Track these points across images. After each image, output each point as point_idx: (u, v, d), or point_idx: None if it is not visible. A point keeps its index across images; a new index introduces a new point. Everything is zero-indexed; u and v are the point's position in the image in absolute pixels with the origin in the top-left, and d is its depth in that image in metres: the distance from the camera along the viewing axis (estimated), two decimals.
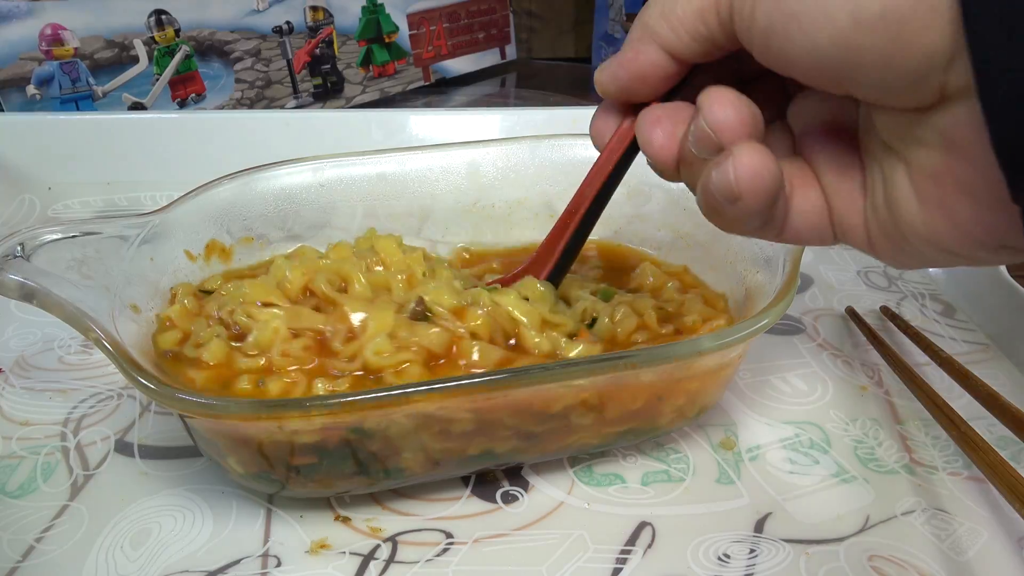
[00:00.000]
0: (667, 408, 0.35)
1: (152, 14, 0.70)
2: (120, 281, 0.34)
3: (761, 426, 0.40)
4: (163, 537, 0.33)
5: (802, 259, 0.36)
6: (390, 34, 0.88)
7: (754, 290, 0.38)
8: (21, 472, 0.36)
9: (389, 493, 0.35)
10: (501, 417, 0.32)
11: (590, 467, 0.37)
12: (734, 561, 0.33)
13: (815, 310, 0.50)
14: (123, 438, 0.38)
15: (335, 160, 0.45)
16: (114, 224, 0.35)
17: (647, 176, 0.46)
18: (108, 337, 0.29)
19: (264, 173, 0.43)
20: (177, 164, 0.59)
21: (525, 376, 0.30)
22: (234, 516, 0.34)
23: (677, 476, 0.37)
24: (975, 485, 0.37)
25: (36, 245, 0.32)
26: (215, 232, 0.40)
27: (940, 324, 0.49)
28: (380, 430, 0.30)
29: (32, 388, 0.41)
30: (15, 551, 0.32)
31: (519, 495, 0.36)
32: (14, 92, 0.65)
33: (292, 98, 0.81)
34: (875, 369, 0.44)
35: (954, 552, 0.33)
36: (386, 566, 0.32)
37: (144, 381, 0.28)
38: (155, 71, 0.71)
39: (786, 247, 0.36)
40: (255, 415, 0.28)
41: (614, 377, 0.31)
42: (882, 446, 0.39)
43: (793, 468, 0.38)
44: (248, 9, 0.75)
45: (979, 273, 0.49)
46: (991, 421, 0.36)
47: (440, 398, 0.29)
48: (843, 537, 0.34)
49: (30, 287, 0.30)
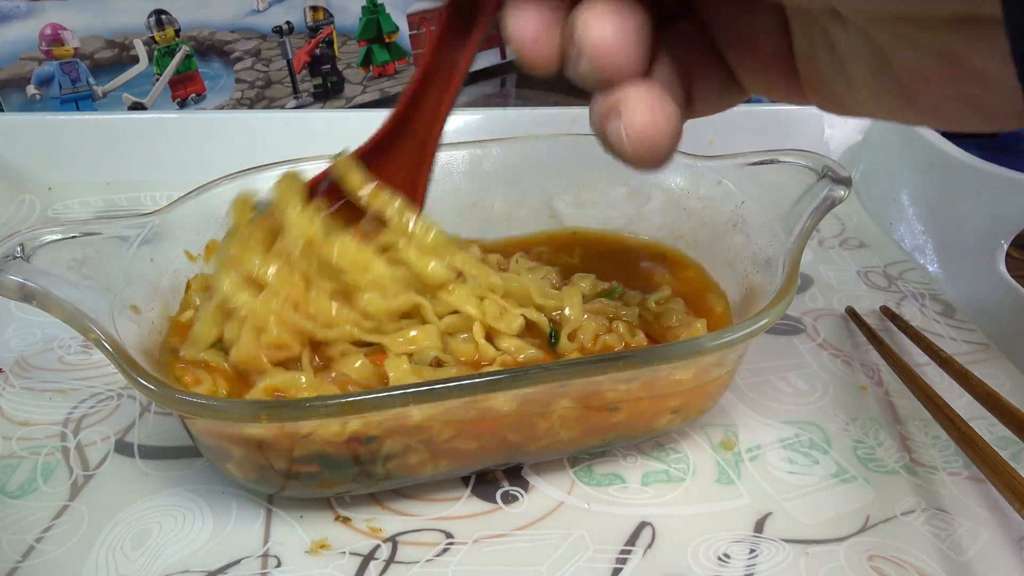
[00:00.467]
0: (666, 408, 0.35)
1: (152, 14, 0.70)
2: (120, 281, 0.34)
3: (761, 426, 0.40)
4: (163, 537, 0.33)
5: (802, 259, 0.36)
6: (390, 34, 0.88)
7: (754, 290, 0.38)
8: (21, 472, 0.36)
9: (389, 493, 0.35)
10: (498, 419, 0.32)
11: (590, 467, 0.37)
12: (734, 561, 0.33)
13: (815, 310, 0.50)
14: (123, 438, 0.38)
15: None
16: (114, 224, 0.35)
17: (647, 176, 0.46)
18: (108, 338, 0.29)
19: (264, 173, 0.42)
20: (177, 164, 0.59)
21: (525, 376, 0.30)
22: (234, 516, 0.34)
23: (677, 476, 0.37)
24: (975, 485, 0.37)
25: (36, 246, 0.32)
26: (215, 232, 0.40)
27: (940, 324, 0.49)
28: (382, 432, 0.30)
29: (32, 388, 0.41)
30: (15, 551, 0.32)
31: (519, 495, 0.36)
32: (14, 92, 0.65)
33: (292, 98, 0.81)
34: (875, 369, 0.44)
35: (954, 552, 0.33)
36: (386, 566, 0.32)
37: (143, 382, 0.28)
38: (155, 71, 0.71)
39: (786, 247, 0.36)
40: (254, 416, 0.28)
41: (614, 378, 0.31)
42: (882, 446, 0.39)
43: (793, 468, 0.38)
44: (248, 9, 0.75)
45: (979, 273, 0.49)
46: (991, 421, 0.36)
47: (440, 399, 0.29)
48: (843, 537, 0.34)
49: (30, 288, 0.30)
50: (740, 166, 0.42)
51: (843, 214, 0.61)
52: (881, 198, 0.60)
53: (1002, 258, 0.48)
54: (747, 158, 0.42)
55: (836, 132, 0.65)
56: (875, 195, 0.61)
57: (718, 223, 0.43)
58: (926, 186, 0.57)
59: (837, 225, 0.60)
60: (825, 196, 0.37)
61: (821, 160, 0.39)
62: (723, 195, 0.43)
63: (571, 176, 0.47)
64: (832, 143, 0.65)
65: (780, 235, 0.38)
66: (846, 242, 0.58)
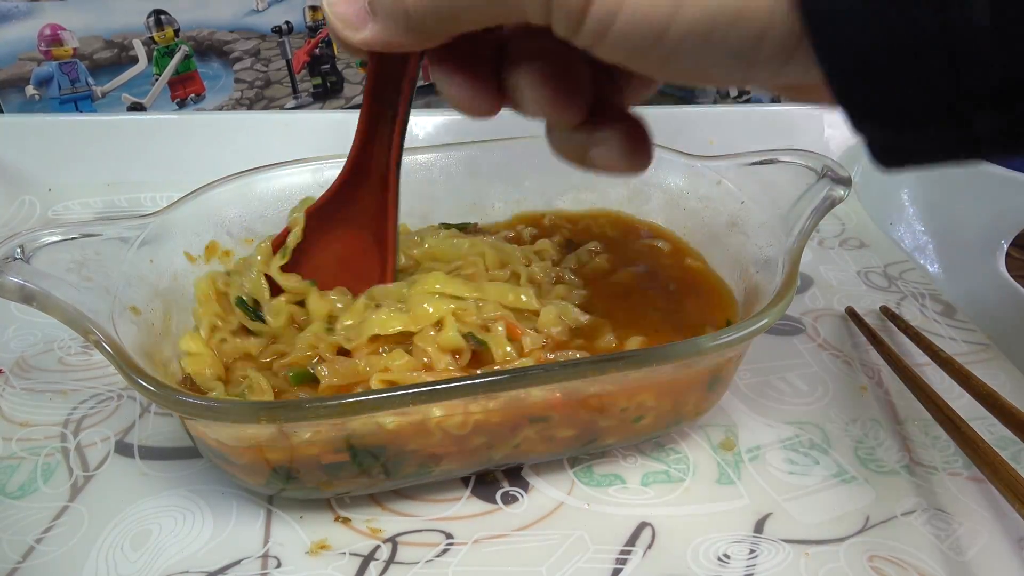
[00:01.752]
0: (665, 408, 0.35)
1: (151, 14, 0.70)
2: (120, 283, 0.34)
3: (761, 426, 0.40)
4: (163, 538, 0.33)
5: (802, 259, 0.36)
6: None
7: (754, 290, 0.38)
8: (21, 473, 0.36)
9: (389, 494, 0.35)
10: (497, 418, 0.32)
11: (590, 467, 0.37)
12: (734, 561, 0.33)
13: (815, 310, 0.50)
14: (123, 439, 0.38)
15: (335, 160, 0.44)
16: (114, 226, 0.35)
17: (647, 176, 0.46)
18: (108, 339, 0.29)
19: (264, 174, 0.43)
20: (177, 165, 0.59)
21: (525, 377, 0.30)
22: (234, 517, 0.34)
23: (677, 476, 0.37)
24: (975, 485, 0.37)
25: (36, 247, 0.32)
26: (215, 234, 0.40)
27: (940, 324, 0.49)
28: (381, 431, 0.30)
29: (32, 389, 0.41)
30: (15, 552, 0.32)
31: (519, 496, 0.36)
32: (13, 92, 0.65)
33: (292, 98, 0.81)
34: (875, 369, 0.44)
35: (954, 552, 0.33)
36: (386, 567, 0.32)
37: (143, 383, 0.28)
38: (154, 71, 0.71)
39: (786, 248, 0.36)
40: (254, 417, 0.28)
41: (613, 377, 0.31)
42: (882, 446, 0.39)
43: (793, 468, 0.37)
44: (247, 9, 0.75)
45: (979, 273, 0.49)
46: (991, 421, 0.36)
47: (440, 398, 0.29)
48: (843, 537, 0.34)
49: (30, 289, 0.30)
50: (740, 166, 0.42)
51: (843, 214, 0.61)
52: (881, 198, 0.60)
53: (1002, 258, 0.48)
54: (747, 158, 0.42)
55: (836, 132, 0.65)
56: (875, 195, 0.61)
57: (718, 223, 0.43)
58: (926, 186, 0.57)
59: (837, 225, 0.60)
60: (825, 196, 0.37)
61: (821, 160, 0.39)
62: (723, 195, 0.43)
63: (571, 176, 0.46)
64: (832, 143, 0.65)
65: (780, 235, 0.38)
66: (846, 242, 0.58)
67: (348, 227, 0.37)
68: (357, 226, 0.37)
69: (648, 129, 0.26)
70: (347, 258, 0.37)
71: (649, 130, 0.26)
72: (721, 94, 0.73)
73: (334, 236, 0.37)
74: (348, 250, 0.37)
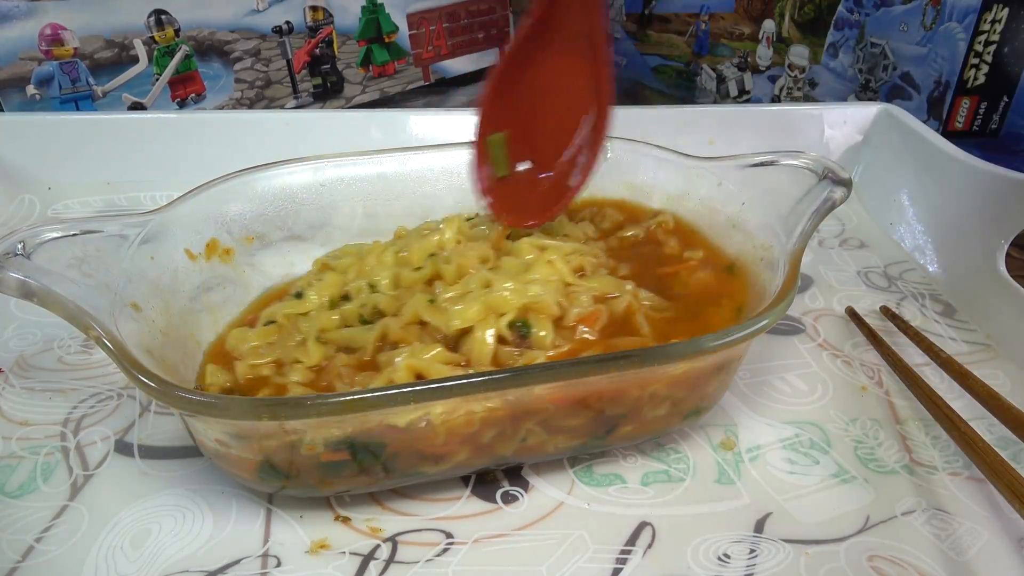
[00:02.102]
0: (665, 407, 0.35)
1: (152, 14, 0.70)
2: (120, 279, 0.34)
3: (761, 426, 0.40)
4: (163, 537, 0.33)
5: (802, 259, 0.36)
6: (390, 34, 0.88)
7: (754, 290, 0.38)
8: (21, 472, 0.36)
9: (389, 493, 0.35)
10: (501, 416, 0.32)
11: (590, 467, 0.37)
12: (734, 561, 0.33)
13: (815, 310, 0.50)
14: (123, 438, 0.38)
15: (335, 160, 0.45)
16: (114, 223, 0.35)
17: (648, 177, 0.46)
18: (109, 335, 0.29)
19: (264, 173, 0.43)
20: (177, 164, 0.59)
21: (525, 376, 0.30)
22: (234, 516, 0.34)
23: (677, 476, 0.37)
24: (975, 485, 0.37)
25: (36, 243, 0.32)
26: (215, 232, 0.40)
27: (940, 324, 0.49)
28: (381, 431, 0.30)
29: (32, 388, 0.41)
30: (15, 551, 0.32)
31: (519, 495, 0.36)
32: (14, 92, 0.65)
33: (292, 98, 0.81)
34: (875, 369, 0.44)
35: (954, 552, 0.33)
36: (386, 566, 0.32)
37: (145, 379, 0.28)
38: (155, 71, 0.71)
39: (787, 250, 0.36)
40: (255, 414, 0.28)
41: (614, 376, 0.31)
42: (882, 446, 0.39)
43: (793, 468, 0.37)
44: (248, 9, 0.75)
45: (979, 273, 0.49)
46: (991, 421, 0.36)
47: (440, 398, 0.29)
48: (843, 537, 0.34)
49: (30, 285, 0.30)
50: (740, 167, 0.42)
51: (843, 214, 0.61)
52: (881, 198, 0.60)
53: (1002, 258, 0.48)
54: (747, 159, 0.42)
55: (836, 132, 0.65)
56: (875, 195, 0.61)
57: (719, 224, 0.43)
58: (926, 186, 0.57)
59: (837, 225, 0.60)
60: (825, 198, 0.37)
61: (821, 162, 0.39)
62: (723, 196, 0.43)
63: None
64: (832, 143, 0.65)
65: (780, 236, 0.38)
66: (846, 242, 0.58)
67: (548, 54, 0.33)
68: (558, 51, 0.33)
69: None
70: (554, 88, 0.34)
71: None
72: (721, 94, 0.73)
73: (532, 73, 0.34)
74: (553, 80, 0.34)
